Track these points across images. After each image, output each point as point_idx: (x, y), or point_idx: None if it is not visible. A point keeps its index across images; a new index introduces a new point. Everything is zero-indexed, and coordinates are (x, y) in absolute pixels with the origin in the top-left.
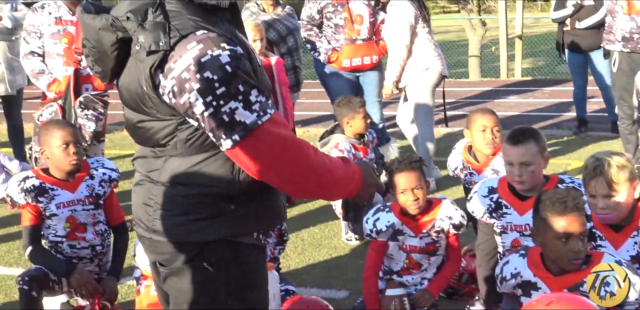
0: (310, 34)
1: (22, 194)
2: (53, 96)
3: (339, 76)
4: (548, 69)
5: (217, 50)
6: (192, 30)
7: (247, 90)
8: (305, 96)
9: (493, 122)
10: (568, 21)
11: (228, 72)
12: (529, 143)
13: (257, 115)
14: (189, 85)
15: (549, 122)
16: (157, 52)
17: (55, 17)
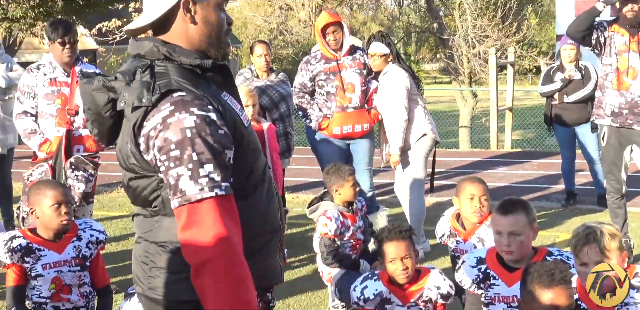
0: (302, 101)
1: (9, 254)
2: (44, 156)
3: (330, 143)
4: (537, 141)
5: (184, 114)
6: (172, 89)
7: (200, 162)
8: (295, 162)
9: (481, 191)
10: (556, 95)
11: (186, 136)
12: (519, 213)
13: (200, 189)
14: (152, 142)
15: (538, 194)
16: (140, 108)
17: (50, 78)
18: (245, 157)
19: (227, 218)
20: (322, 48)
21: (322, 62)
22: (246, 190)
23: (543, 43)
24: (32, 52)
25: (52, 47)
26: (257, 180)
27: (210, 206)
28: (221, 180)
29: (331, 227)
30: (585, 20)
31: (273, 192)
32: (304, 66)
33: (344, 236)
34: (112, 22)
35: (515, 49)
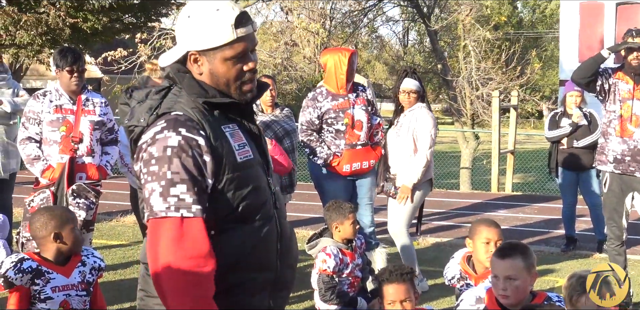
0: (310, 139)
1: (19, 275)
2: (46, 182)
3: (337, 180)
4: (538, 185)
5: (171, 133)
6: (170, 110)
7: (173, 180)
8: (295, 198)
9: (497, 236)
10: (564, 140)
11: (166, 154)
12: (516, 258)
13: (167, 207)
14: (141, 154)
15: (537, 238)
16: (137, 127)
17: (55, 105)
18: (235, 190)
19: (190, 239)
20: (332, 82)
21: (329, 98)
22: (229, 224)
23: (546, 87)
24: (37, 78)
25: (59, 74)
26: (250, 217)
27: (172, 225)
28: (192, 202)
29: (330, 264)
30: (590, 67)
31: (273, 232)
32: (310, 103)
33: (343, 273)
34: (118, 52)
35: (518, 93)
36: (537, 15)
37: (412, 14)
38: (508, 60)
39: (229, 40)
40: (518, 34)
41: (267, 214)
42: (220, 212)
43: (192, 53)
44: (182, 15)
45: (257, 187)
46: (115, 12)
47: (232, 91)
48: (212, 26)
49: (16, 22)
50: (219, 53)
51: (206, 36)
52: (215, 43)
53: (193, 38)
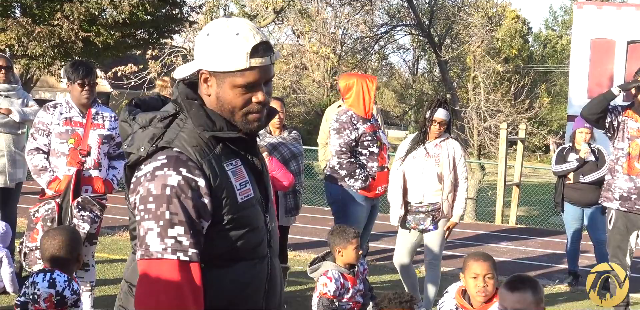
0: (351, 161)
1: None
2: (52, 194)
3: (365, 203)
4: (542, 219)
5: (172, 171)
6: (171, 145)
7: (171, 221)
8: (299, 220)
9: (485, 269)
10: (571, 175)
11: (165, 194)
12: (526, 292)
13: (163, 248)
14: (138, 188)
15: (540, 271)
16: (135, 155)
17: (65, 117)
18: (233, 231)
19: (185, 284)
20: (360, 107)
21: (361, 122)
22: (222, 261)
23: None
24: (47, 90)
25: (71, 87)
26: (244, 256)
27: (169, 268)
28: (189, 245)
29: (330, 288)
30: (600, 104)
31: (264, 272)
32: (347, 126)
33: (343, 298)
34: (128, 67)
35: (526, 126)
36: (548, 50)
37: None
38: (517, 93)
39: (240, 68)
40: (528, 67)
41: (260, 254)
42: (215, 250)
43: (203, 72)
44: (203, 31)
45: (255, 227)
46: (128, 28)
47: (236, 119)
48: (227, 50)
49: (29, 33)
50: (228, 78)
51: (219, 58)
52: (227, 67)
53: (207, 57)
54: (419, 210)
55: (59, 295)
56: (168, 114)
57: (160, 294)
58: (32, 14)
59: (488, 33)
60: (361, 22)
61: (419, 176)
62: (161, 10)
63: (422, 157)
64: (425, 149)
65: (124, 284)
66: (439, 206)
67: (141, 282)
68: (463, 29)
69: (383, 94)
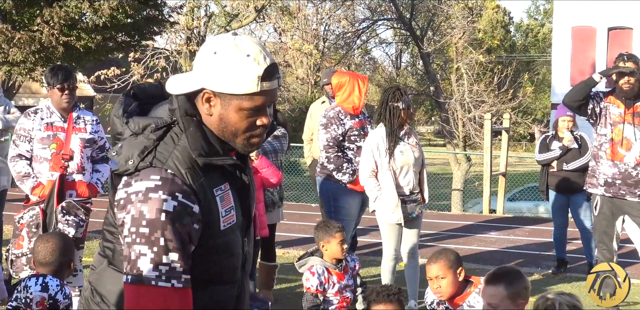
0: (338, 155)
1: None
2: (36, 200)
3: (355, 197)
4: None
5: (167, 196)
6: (164, 165)
7: (166, 247)
8: (287, 218)
9: (434, 273)
10: (554, 163)
11: (160, 219)
12: (499, 286)
13: (157, 275)
14: (130, 207)
15: (528, 259)
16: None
17: (46, 122)
18: (211, 256)
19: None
20: (349, 103)
21: (348, 117)
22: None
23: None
24: (29, 96)
25: (51, 92)
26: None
27: (162, 296)
28: (182, 271)
29: (313, 282)
30: (581, 91)
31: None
32: (334, 120)
33: (327, 292)
34: (111, 71)
35: (510, 116)
36: (530, 39)
37: (405, 36)
38: (500, 83)
39: (250, 92)
40: (511, 57)
41: (233, 278)
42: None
43: (207, 92)
44: (208, 49)
45: (232, 253)
46: (109, 31)
47: (237, 141)
48: (237, 72)
49: (10, 39)
50: (235, 100)
51: (228, 80)
52: (236, 90)
53: (213, 77)
54: (409, 200)
55: (51, 299)
56: (163, 123)
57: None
58: (11, 20)
59: (469, 24)
60: (343, 18)
61: (411, 168)
62: (141, 12)
63: (409, 149)
64: (404, 141)
65: (88, 287)
66: (419, 191)
67: (132, 306)
68: (444, 21)
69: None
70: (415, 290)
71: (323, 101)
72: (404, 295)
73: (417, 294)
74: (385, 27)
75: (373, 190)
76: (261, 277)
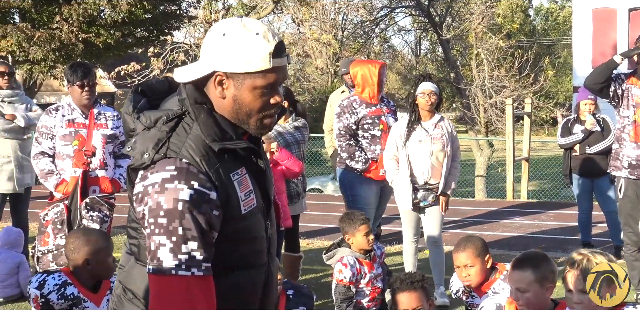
0: (350, 143)
1: (62, 301)
2: (60, 196)
3: (371, 186)
4: (553, 192)
5: (183, 185)
6: (177, 155)
7: (185, 237)
8: (310, 208)
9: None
10: (577, 147)
11: (177, 209)
12: (526, 270)
13: (177, 264)
14: (146, 199)
15: (554, 244)
16: (138, 161)
17: (68, 119)
18: (234, 242)
19: (201, 300)
20: (365, 93)
21: (363, 105)
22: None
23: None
24: (51, 94)
25: (71, 89)
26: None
27: (183, 285)
28: (202, 260)
29: (346, 274)
30: (603, 73)
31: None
32: (347, 109)
33: (360, 283)
34: (131, 66)
35: (532, 100)
36: (550, 23)
37: (424, 23)
38: (521, 67)
39: (263, 68)
40: (531, 41)
41: (259, 262)
42: (216, 259)
43: (219, 74)
44: (216, 31)
45: (256, 237)
46: (128, 27)
47: (251, 122)
48: (249, 50)
49: (30, 38)
50: (248, 80)
51: (240, 59)
52: (249, 68)
53: (224, 58)
54: (422, 188)
55: (43, 298)
56: (174, 114)
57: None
58: (31, 18)
59: (488, 9)
60: (360, 6)
61: (428, 159)
62: (159, 7)
63: (430, 140)
64: (426, 130)
65: (118, 286)
66: (439, 184)
67: (155, 298)
68: (463, 7)
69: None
70: (442, 277)
71: (343, 90)
72: (427, 282)
73: (443, 281)
74: (403, 15)
75: (389, 173)
76: (286, 268)
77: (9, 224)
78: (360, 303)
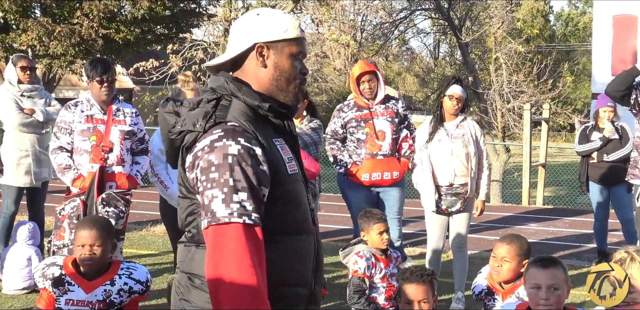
0: (332, 147)
1: (41, 279)
2: (77, 191)
3: (359, 190)
4: (569, 198)
5: (231, 141)
6: (226, 120)
7: (235, 187)
8: (325, 209)
9: (504, 253)
10: (595, 154)
11: (228, 162)
12: (558, 268)
13: (230, 213)
14: (197, 162)
15: (569, 251)
16: (192, 132)
17: (86, 115)
18: (284, 203)
19: (252, 247)
20: (355, 96)
21: (354, 109)
22: (276, 236)
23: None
24: (69, 88)
25: (90, 85)
26: (295, 231)
27: (236, 231)
28: (252, 210)
29: (361, 265)
30: (624, 80)
31: (313, 247)
32: (336, 113)
33: (374, 277)
34: (150, 63)
35: (550, 106)
36: (570, 29)
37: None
38: (540, 73)
39: (297, 36)
40: (550, 46)
41: (307, 229)
42: (269, 223)
43: (260, 45)
44: (248, 15)
45: (300, 203)
46: (147, 23)
47: (290, 89)
48: (284, 21)
49: (50, 33)
50: (286, 47)
51: (279, 28)
52: (288, 35)
53: (262, 30)
54: (450, 193)
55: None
56: (214, 97)
57: (230, 256)
58: (52, 13)
59: (508, 14)
60: (380, 8)
61: (449, 158)
62: (179, 4)
63: (449, 139)
64: (447, 130)
65: (182, 276)
66: (467, 187)
67: (212, 248)
68: (483, 11)
69: (405, 79)
70: (463, 282)
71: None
72: (436, 279)
73: (464, 286)
74: (423, 17)
75: (414, 176)
76: None
77: (25, 217)
78: (375, 300)
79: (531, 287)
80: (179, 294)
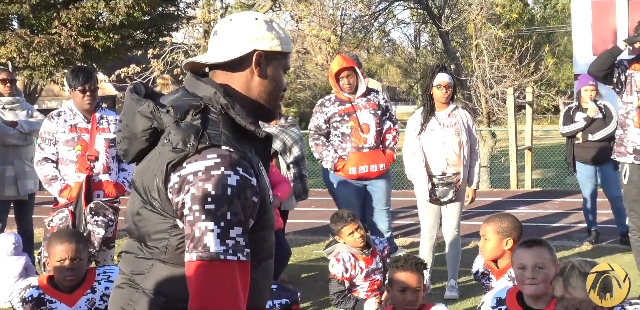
0: (317, 143)
1: (21, 303)
2: (65, 202)
3: (346, 184)
4: (557, 180)
5: (230, 171)
6: (220, 143)
7: (232, 222)
8: (314, 204)
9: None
10: (579, 134)
11: (226, 194)
12: (543, 248)
13: (225, 250)
14: (188, 187)
15: (559, 232)
16: (181, 151)
17: (70, 124)
18: (262, 231)
19: (243, 284)
20: (336, 91)
21: (336, 104)
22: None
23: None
24: (52, 99)
25: (72, 94)
26: (266, 257)
27: (230, 270)
28: (245, 245)
29: (337, 269)
30: (606, 60)
31: (271, 271)
32: (318, 109)
33: (356, 278)
34: (131, 68)
35: (533, 89)
36: (549, 11)
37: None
38: (521, 57)
39: (290, 51)
40: (530, 30)
41: (273, 253)
42: (256, 249)
43: (259, 53)
44: (247, 17)
45: (272, 226)
46: (126, 29)
47: (277, 104)
48: (281, 33)
49: (29, 44)
50: (283, 60)
51: (278, 40)
52: (284, 49)
53: (264, 38)
54: (442, 182)
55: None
56: (199, 107)
57: (220, 294)
58: (29, 24)
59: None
60: (359, 1)
61: (441, 147)
62: (157, 8)
63: (441, 128)
64: (438, 120)
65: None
66: (459, 175)
67: (199, 284)
68: None
69: (388, 70)
70: (456, 271)
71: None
72: (427, 269)
73: (457, 274)
74: (402, 8)
75: (407, 167)
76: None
77: (14, 230)
78: (355, 292)
79: (518, 268)
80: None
